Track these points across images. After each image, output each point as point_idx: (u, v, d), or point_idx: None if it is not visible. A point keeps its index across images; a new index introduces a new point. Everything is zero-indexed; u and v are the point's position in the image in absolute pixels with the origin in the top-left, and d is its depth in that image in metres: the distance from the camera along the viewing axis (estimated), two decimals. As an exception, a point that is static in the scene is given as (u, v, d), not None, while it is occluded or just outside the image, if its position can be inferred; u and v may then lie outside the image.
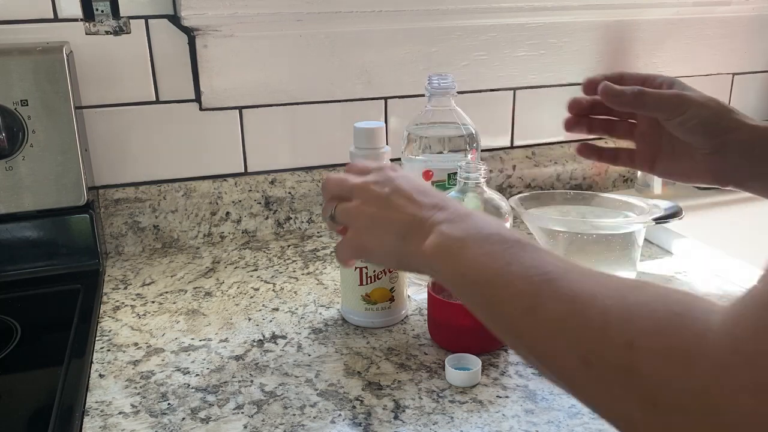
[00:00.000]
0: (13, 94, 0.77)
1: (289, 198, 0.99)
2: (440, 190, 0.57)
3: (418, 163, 0.77)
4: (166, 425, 0.56)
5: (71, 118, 0.79)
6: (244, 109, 0.95)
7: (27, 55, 0.77)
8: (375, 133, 0.68)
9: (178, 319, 0.74)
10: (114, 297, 0.80)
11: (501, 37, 1.02)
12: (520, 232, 0.44)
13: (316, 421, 0.56)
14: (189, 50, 0.90)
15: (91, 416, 0.57)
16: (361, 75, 0.97)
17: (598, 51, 1.08)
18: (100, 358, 0.66)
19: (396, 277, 0.71)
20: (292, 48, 0.93)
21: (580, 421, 0.56)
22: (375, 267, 0.69)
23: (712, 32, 1.14)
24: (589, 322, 0.35)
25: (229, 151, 0.96)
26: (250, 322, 0.74)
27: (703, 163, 0.60)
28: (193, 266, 0.89)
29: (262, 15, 0.89)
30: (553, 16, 1.03)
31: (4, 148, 0.78)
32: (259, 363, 0.65)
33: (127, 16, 0.86)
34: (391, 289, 0.71)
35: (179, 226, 0.95)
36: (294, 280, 0.84)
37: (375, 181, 0.52)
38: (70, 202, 0.82)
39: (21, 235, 0.83)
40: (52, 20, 0.84)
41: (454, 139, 0.74)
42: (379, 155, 0.69)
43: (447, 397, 0.59)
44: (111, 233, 0.92)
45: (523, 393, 0.60)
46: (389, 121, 1.01)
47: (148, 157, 0.93)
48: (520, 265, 0.40)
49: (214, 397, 0.60)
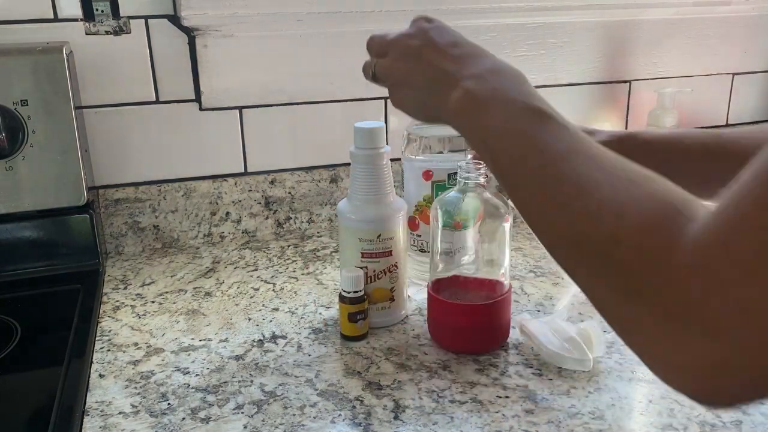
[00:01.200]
0: (13, 94, 0.77)
1: (289, 198, 0.99)
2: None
3: (417, 163, 0.77)
4: (166, 425, 0.56)
5: (71, 118, 0.79)
6: (244, 109, 0.95)
7: (27, 55, 0.77)
8: (375, 133, 0.68)
9: (178, 319, 0.74)
10: (114, 297, 0.80)
11: (501, 37, 1.02)
12: (542, 98, 0.46)
13: (316, 421, 0.56)
14: (189, 50, 0.90)
15: (91, 416, 0.57)
16: (361, 75, 0.97)
17: (598, 51, 1.08)
18: (100, 358, 0.66)
19: (396, 277, 0.71)
20: (292, 48, 0.93)
21: (580, 421, 0.56)
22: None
23: (712, 32, 1.14)
24: (585, 208, 0.37)
25: (229, 151, 0.96)
26: (250, 322, 0.74)
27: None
28: (193, 266, 0.89)
29: (262, 15, 0.89)
30: (553, 16, 1.03)
31: (4, 148, 0.78)
32: (259, 363, 0.65)
33: (127, 16, 0.86)
34: (391, 289, 0.71)
35: (179, 226, 0.95)
36: (294, 280, 0.84)
37: (408, 34, 0.52)
38: (70, 202, 0.82)
39: (21, 235, 0.83)
40: (52, 20, 0.84)
41: (454, 139, 0.74)
42: (379, 155, 0.69)
43: (447, 397, 0.59)
44: (111, 233, 0.92)
45: (523, 393, 0.60)
46: (389, 121, 1.01)
47: (148, 157, 0.93)
48: (536, 139, 0.42)
49: (214, 397, 0.60)
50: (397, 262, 0.71)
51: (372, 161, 0.68)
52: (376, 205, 0.69)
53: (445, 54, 0.49)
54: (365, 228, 0.69)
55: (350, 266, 0.70)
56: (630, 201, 0.35)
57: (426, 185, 0.76)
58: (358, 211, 0.69)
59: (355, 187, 0.70)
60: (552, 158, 0.40)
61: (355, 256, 0.70)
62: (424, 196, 0.75)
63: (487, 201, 0.64)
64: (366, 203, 0.69)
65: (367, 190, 0.69)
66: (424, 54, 0.50)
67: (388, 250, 0.70)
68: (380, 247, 0.69)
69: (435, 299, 0.67)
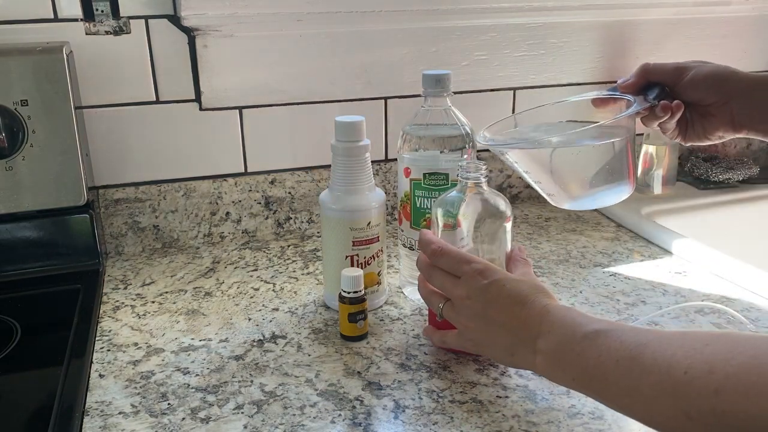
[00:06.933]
0: (13, 94, 0.77)
1: (289, 198, 0.99)
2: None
3: (404, 161, 0.77)
4: (166, 425, 0.56)
5: (71, 118, 0.79)
6: (244, 109, 0.95)
7: (27, 55, 0.77)
8: (355, 127, 0.71)
9: (178, 319, 0.74)
10: (114, 297, 0.80)
11: (501, 37, 1.02)
12: (599, 319, 0.52)
13: (316, 421, 0.56)
14: (189, 50, 0.90)
15: (91, 416, 0.57)
16: (361, 75, 0.97)
17: (598, 51, 1.08)
18: (100, 358, 0.66)
19: (382, 261, 0.75)
20: (292, 48, 0.93)
21: (580, 421, 0.56)
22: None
23: (712, 32, 1.14)
24: (677, 385, 0.41)
25: (229, 151, 0.96)
26: (250, 322, 0.74)
27: (719, 116, 0.66)
28: (193, 266, 0.89)
29: (262, 15, 0.89)
30: (553, 16, 1.03)
31: (4, 148, 0.78)
32: (259, 363, 0.65)
33: (127, 16, 0.86)
34: (378, 273, 0.75)
35: (179, 226, 0.95)
36: (294, 280, 0.84)
37: (467, 295, 0.58)
38: (70, 202, 0.82)
39: (21, 235, 0.83)
40: (52, 20, 0.84)
41: (450, 139, 0.74)
42: (358, 148, 0.71)
43: (447, 397, 0.59)
44: (111, 233, 0.92)
45: (523, 393, 0.60)
46: (389, 120, 1.01)
47: (148, 157, 0.93)
48: (608, 354, 0.47)
49: (214, 397, 0.60)
50: (382, 247, 0.75)
51: (359, 153, 0.71)
52: (363, 195, 0.72)
53: (511, 315, 0.55)
54: (357, 218, 0.72)
55: (338, 255, 0.73)
56: (712, 356, 0.40)
57: (406, 181, 0.76)
58: (348, 201, 0.72)
59: (341, 178, 0.72)
60: (630, 363, 0.45)
61: (345, 245, 0.72)
62: (405, 192, 0.76)
63: (487, 201, 0.64)
64: (354, 194, 0.72)
65: (353, 181, 0.72)
66: (491, 317, 0.56)
67: (375, 236, 0.73)
68: (369, 234, 0.73)
69: (435, 299, 0.67)
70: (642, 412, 0.45)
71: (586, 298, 0.77)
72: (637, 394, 0.44)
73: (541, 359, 0.53)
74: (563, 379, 0.52)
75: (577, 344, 0.50)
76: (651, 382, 0.43)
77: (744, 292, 0.78)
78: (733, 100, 0.65)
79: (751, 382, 0.37)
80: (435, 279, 0.61)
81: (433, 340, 0.67)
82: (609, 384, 0.47)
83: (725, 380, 0.38)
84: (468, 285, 0.58)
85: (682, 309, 0.74)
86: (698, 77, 0.66)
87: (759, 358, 0.38)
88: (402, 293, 0.80)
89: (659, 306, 0.75)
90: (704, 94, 0.66)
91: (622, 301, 0.76)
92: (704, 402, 0.39)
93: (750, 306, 0.75)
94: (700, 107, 0.67)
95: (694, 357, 0.41)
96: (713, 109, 0.66)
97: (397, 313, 0.75)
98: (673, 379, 0.41)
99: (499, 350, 0.57)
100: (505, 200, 0.65)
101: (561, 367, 0.51)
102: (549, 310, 0.54)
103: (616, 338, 0.48)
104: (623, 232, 0.97)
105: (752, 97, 0.65)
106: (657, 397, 0.42)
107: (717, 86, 0.66)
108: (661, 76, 0.67)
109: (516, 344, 0.55)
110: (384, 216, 0.75)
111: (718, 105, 0.66)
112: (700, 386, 0.40)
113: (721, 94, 0.65)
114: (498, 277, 0.57)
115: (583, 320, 0.52)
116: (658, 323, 0.71)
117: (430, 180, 0.74)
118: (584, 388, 0.50)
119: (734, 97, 0.65)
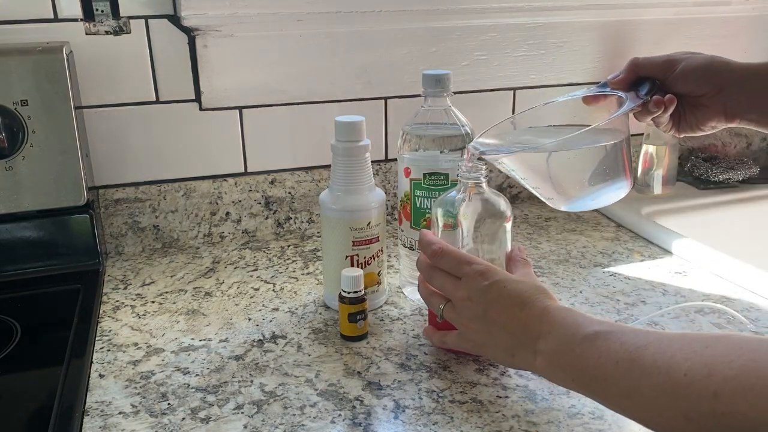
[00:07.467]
0: (13, 94, 0.77)
1: (289, 198, 0.99)
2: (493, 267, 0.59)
3: (404, 161, 0.77)
4: (166, 425, 0.56)
5: (71, 118, 0.79)
6: (244, 109, 0.95)
7: (27, 55, 0.77)
8: (355, 127, 0.71)
9: (178, 319, 0.74)
10: (114, 297, 0.80)
11: (501, 37, 1.02)
12: (599, 320, 0.52)
13: (316, 421, 0.56)
14: (189, 50, 0.90)
15: (91, 416, 0.57)
16: (361, 75, 0.97)
17: (598, 51, 1.08)
18: (100, 358, 0.66)
19: (381, 261, 0.75)
20: (292, 48, 0.93)
21: (580, 421, 0.56)
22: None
23: (712, 32, 1.14)
24: (677, 386, 0.41)
25: (229, 151, 0.96)
26: (250, 322, 0.74)
27: (712, 106, 0.66)
28: (193, 266, 0.89)
29: (262, 15, 0.89)
30: (553, 16, 1.03)
31: (4, 148, 0.78)
32: (259, 363, 0.65)
33: (127, 16, 0.86)
34: (378, 273, 0.74)
35: (179, 226, 0.95)
36: (294, 280, 0.84)
37: (468, 297, 0.58)
38: (70, 202, 0.82)
39: (21, 235, 0.83)
40: (52, 20, 0.84)
41: (450, 139, 0.74)
42: (358, 148, 0.71)
43: (447, 397, 0.59)
44: (111, 233, 0.92)
45: (523, 393, 0.60)
46: (389, 120, 1.01)
47: (148, 157, 0.93)
48: (608, 356, 0.47)
49: (214, 397, 0.60)
50: (382, 247, 0.74)
51: (359, 153, 0.71)
52: (363, 195, 0.72)
53: (512, 316, 0.55)
54: (357, 218, 0.72)
55: (338, 255, 0.72)
56: (711, 359, 0.41)
57: (406, 181, 0.76)
58: (348, 201, 0.72)
59: (341, 178, 0.72)
60: (629, 365, 0.45)
61: (345, 245, 0.72)
62: (405, 192, 0.76)
63: (487, 201, 0.64)
64: (354, 194, 0.72)
65: (353, 181, 0.72)
66: (492, 317, 0.56)
67: (375, 236, 0.73)
68: (369, 234, 0.72)
69: (435, 299, 0.67)
70: (641, 414, 0.45)
71: (586, 298, 0.77)
72: (637, 395, 0.44)
73: (542, 360, 0.53)
74: (563, 380, 0.52)
75: (577, 345, 0.50)
76: (651, 384, 0.43)
77: (744, 292, 0.78)
78: (725, 91, 0.65)
79: (750, 384, 0.37)
80: (435, 280, 0.61)
81: (433, 340, 0.67)
82: (609, 385, 0.47)
83: (724, 382, 0.39)
84: (469, 286, 0.58)
85: (682, 309, 0.74)
86: (688, 69, 0.65)
87: (758, 360, 0.38)
88: (402, 293, 0.80)
89: (659, 306, 0.75)
90: (695, 86, 0.66)
91: (622, 301, 0.76)
92: (704, 404, 0.39)
93: (750, 306, 0.75)
94: (692, 98, 0.67)
95: (693, 359, 0.41)
96: (705, 99, 0.66)
97: (397, 313, 0.75)
98: (672, 381, 0.42)
99: (500, 351, 0.57)
100: (505, 200, 0.65)
101: (561, 368, 0.51)
102: (549, 311, 0.54)
103: (616, 340, 0.48)
104: (623, 232, 0.97)
105: (745, 87, 0.65)
106: (657, 399, 0.43)
107: (708, 77, 0.65)
108: (651, 69, 0.67)
109: (516, 345, 0.55)
110: (384, 216, 0.74)
111: (710, 96, 0.66)
112: (699, 388, 0.40)
113: (713, 84, 0.65)
114: (499, 278, 0.57)
115: (583, 321, 0.52)
116: (658, 323, 0.71)
117: (430, 180, 0.74)
118: (584, 389, 0.50)
119: (726, 87, 0.65)
